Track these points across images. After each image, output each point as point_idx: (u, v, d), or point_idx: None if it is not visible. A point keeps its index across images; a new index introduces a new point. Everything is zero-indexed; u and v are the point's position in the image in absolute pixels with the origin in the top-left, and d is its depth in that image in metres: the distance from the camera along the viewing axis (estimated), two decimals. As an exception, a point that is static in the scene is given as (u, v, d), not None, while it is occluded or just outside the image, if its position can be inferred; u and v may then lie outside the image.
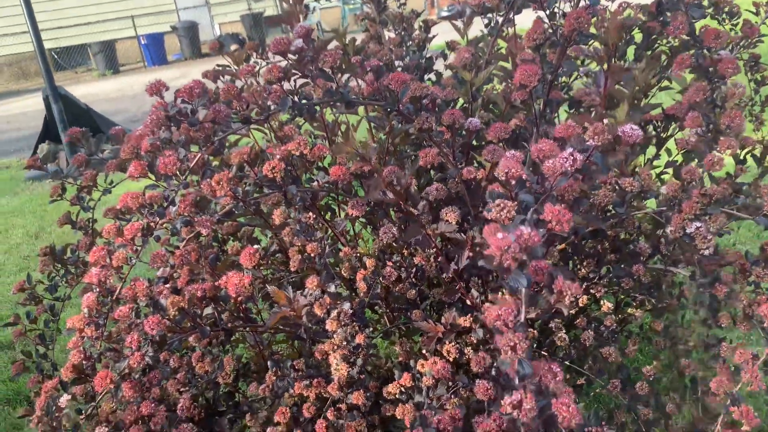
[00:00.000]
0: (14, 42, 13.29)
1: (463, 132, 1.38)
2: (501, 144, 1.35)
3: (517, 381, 0.76)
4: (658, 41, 1.57)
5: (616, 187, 1.16)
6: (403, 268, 1.45)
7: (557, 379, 0.74)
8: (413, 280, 1.48)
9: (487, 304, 1.28)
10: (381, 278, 1.36)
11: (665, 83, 1.58)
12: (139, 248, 1.03)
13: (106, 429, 1.08)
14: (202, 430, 1.44)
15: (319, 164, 1.26)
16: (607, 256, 1.37)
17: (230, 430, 1.45)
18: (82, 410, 1.07)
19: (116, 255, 1.01)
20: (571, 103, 1.46)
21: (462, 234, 1.36)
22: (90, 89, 11.07)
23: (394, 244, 1.41)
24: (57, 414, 1.02)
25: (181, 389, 1.38)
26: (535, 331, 1.35)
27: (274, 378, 1.32)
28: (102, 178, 1.58)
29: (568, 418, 0.71)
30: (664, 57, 1.55)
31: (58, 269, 1.63)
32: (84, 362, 1.04)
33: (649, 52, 1.60)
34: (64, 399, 1.03)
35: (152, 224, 1.04)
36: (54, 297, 1.60)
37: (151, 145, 1.01)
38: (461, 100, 1.60)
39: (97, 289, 1.02)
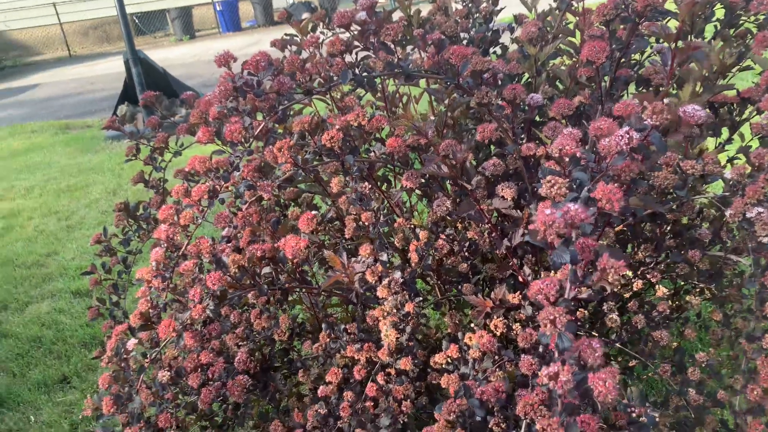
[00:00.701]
0: (99, 6, 13.86)
1: (525, 107, 1.37)
2: (563, 121, 1.33)
3: (555, 354, 0.77)
4: (743, 18, 1.49)
5: (678, 170, 1.13)
6: (456, 242, 1.47)
7: (597, 354, 0.75)
8: (466, 254, 1.50)
9: (533, 282, 1.28)
10: (433, 250, 1.38)
11: (749, 62, 1.49)
12: (204, 209, 1.09)
13: (168, 374, 1.16)
14: (257, 383, 1.52)
15: (377, 135, 1.28)
16: (666, 241, 1.34)
17: (283, 386, 1.52)
18: (147, 354, 1.16)
19: (184, 214, 1.08)
20: (638, 81, 1.42)
21: (518, 211, 1.36)
22: (167, 54, 11.45)
23: (447, 217, 1.43)
24: (125, 356, 1.11)
25: (239, 343, 1.46)
26: (586, 312, 1.34)
27: (328, 339, 1.37)
28: (173, 140, 1.67)
29: (604, 393, 0.71)
30: (749, 36, 1.47)
31: (131, 224, 1.74)
32: (150, 311, 1.12)
33: (732, 30, 1.52)
34: (132, 343, 1.12)
35: (218, 187, 1.09)
36: (127, 250, 1.71)
37: (219, 112, 1.06)
38: (526, 75, 1.58)
39: (165, 245, 1.09)
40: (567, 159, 0.87)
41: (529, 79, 1.56)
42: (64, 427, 2.23)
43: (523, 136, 1.48)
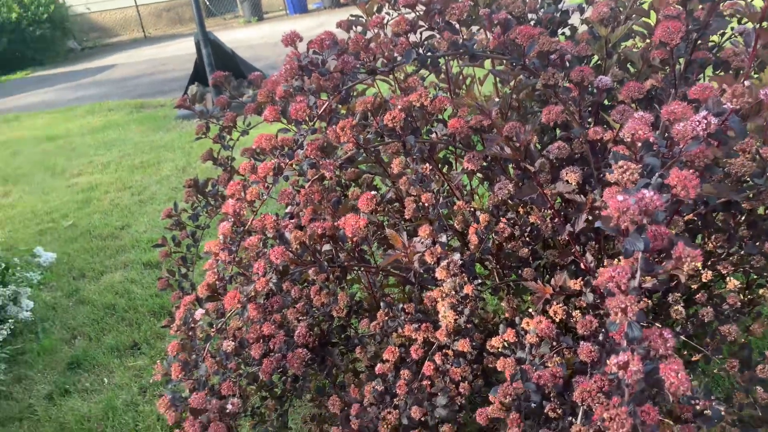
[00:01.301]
0: (172, -12, 14.29)
1: (593, 90, 1.33)
2: (633, 105, 1.29)
3: (625, 343, 0.76)
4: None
5: (757, 157, 1.07)
6: (516, 226, 1.45)
7: (668, 345, 0.73)
8: (526, 238, 1.48)
9: (601, 269, 1.26)
10: (493, 234, 1.37)
11: None
12: (270, 185, 1.12)
13: (233, 343, 1.21)
14: (315, 357, 1.57)
15: (439, 116, 1.27)
16: (739, 232, 1.28)
17: (340, 361, 1.56)
18: (213, 324, 1.21)
19: (250, 190, 1.11)
20: (716, 64, 1.35)
21: (581, 196, 1.33)
22: (236, 35, 11.71)
23: (509, 201, 1.41)
24: (192, 325, 1.16)
25: (299, 318, 1.50)
26: (650, 301, 1.30)
27: (386, 317, 1.39)
28: (241, 120, 1.71)
29: (676, 384, 0.69)
30: None
31: (200, 200, 1.80)
32: (217, 282, 1.17)
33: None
34: (199, 313, 1.17)
35: (282, 165, 1.12)
36: (195, 225, 1.78)
37: (285, 91, 1.08)
38: (595, 57, 1.53)
39: (232, 219, 1.13)
40: (639, 144, 0.84)
41: (599, 62, 1.51)
42: (134, 389, 2.36)
43: (590, 119, 1.44)
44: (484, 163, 1.28)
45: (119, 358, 2.57)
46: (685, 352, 1.50)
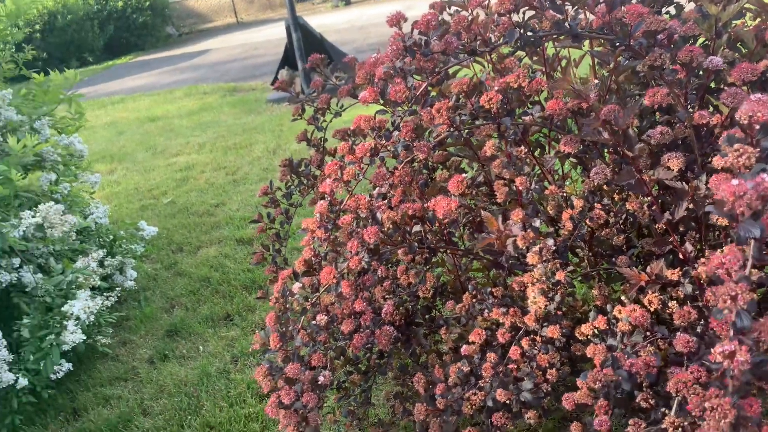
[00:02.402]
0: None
1: (701, 72, 1.27)
2: (745, 87, 1.21)
3: (731, 333, 0.73)
4: None
5: None
6: (612, 213, 1.41)
7: (778, 338, 0.70)
8: (621, 226, 1.44)
9: (702, 259, 1.21)
10: (587, 220, 1.34)
11: None
12: (366, 166, 1.15)
13: (325, 317, 1.26)
14: (400, 336, 1.60)
15: (535, 98, 1.26)
16: None
17: (425, 341, 1.59)
18: (308, 298, 1.26)
19: (347, 170, 1.15)
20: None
21: (683, 183, 1.28)
22: (324, 20, 11.91)
23: (605, 186, 1.38)
24: (289, 297, 1.22)
25: (386, 296, 1.53)
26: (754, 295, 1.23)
27: (473, 300, 1.40)
28: (334, 102, 1.76)
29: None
30: None
31: (293, 179, 1.87)
32: (313, 258, 1.22)
33: None
34: (296, 286, 1.23)
35: (379, 146, 1.15)
36: (289, 203, 1.86)
37: (385, 73, 1.11)
38: (701, 38, 1.45)
39: (328, 198, 1.18)
40: (757, 127, 0.80)
41: (706, 42, 1.43)
42: (226, 358, 2.50)
43: (695, 103, 1.37)
44: (580, 147, 1.25)
45: (213, 328, 2.73)
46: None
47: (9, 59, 3.12)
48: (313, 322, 1.31)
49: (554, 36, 1.11)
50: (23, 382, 2.22)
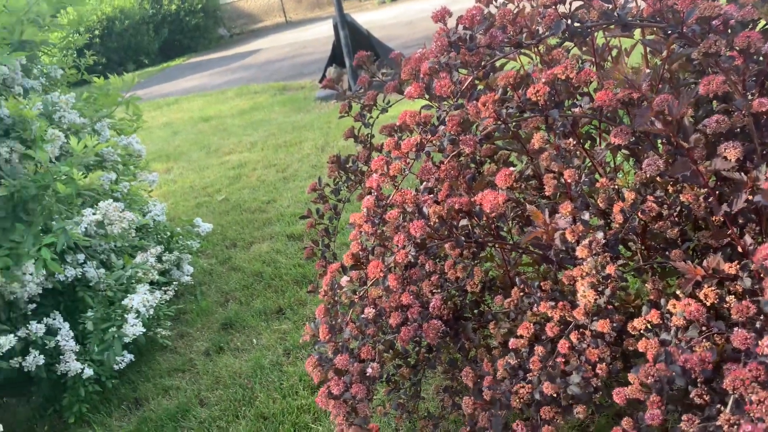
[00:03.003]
0: (311, -27, 14.85)
1: (760, 57, 1.22)
2: (808, 73, 1.16)
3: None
4: None
5: None
6: (665, 205, 1.38)
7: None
8: (676, 218, 1.40)
9: (759, 247, 1.16)
10: (639, 213, 1.31)
11: None
12: (411, 161, 1.16)
13: (373, 310, 1.28)
14: (448, 330, 1.60)
15: (584, 90, 1.24)
16: None
17: (474, 335, 1.59)
18: (356, 291, 1.29)
19: (393, 165, 1.16)
20: None
21: (741, 173, 1.23)
22: (370, 16, 11.95)
23: (658, 178, 1.34)
24: (338, 290, 1.25)
25: (434, 291, 1.54)
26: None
27: (521, 294, 1.39)
28: (380, 98, 1.77)
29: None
30: None
31: (341, 176, 1.90)
32: (360, 252, 1.24)
33: None
34: (345, 280, 1.25)
35: (425, 141, 1.16)
36: (337, 198, 1.88)
37: (430, 68, 1.11)
38: (762, 22, 1.40)
39: (375, 193, 1.19)
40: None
41: (766, 26, 1.38)
42: (279, 350, 2.56)
43: (754, 90, 1.32)
44: (632, 138, 1.22)
45: (266, 321, 2.80)
46: None
47: (72, 65, 3.27)
48: (362, 315, 1.33)
49: (602, 26, 1.09)
50: (89, 372, 2.33)
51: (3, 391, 2.50)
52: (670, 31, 1.13)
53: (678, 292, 1.24)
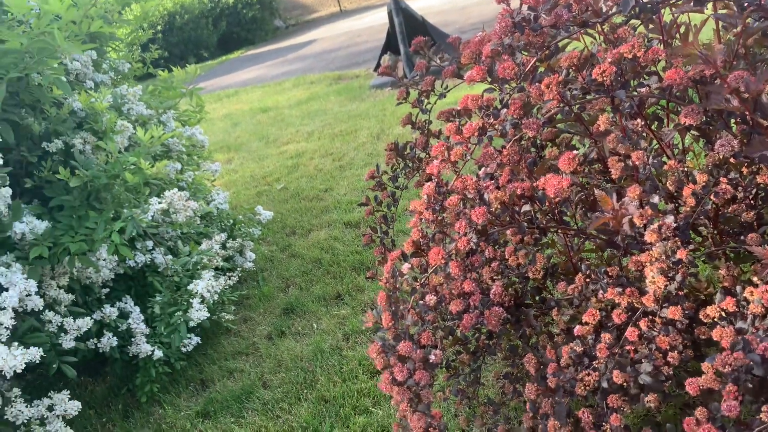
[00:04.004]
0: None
1: None
2: None
3: None
4: None
5: None
6: (740, 188, 1.32)
7: None
8: (751, 201, 1.34)
9: None
10: (712, 195, 1.26)
11: None
12: (473, 146, 1.15)
13: (434, 297, 1.28)
14: (509, 317, 1.59)
15: (651, 68, 1.19)
16: None
17: (536, 322, 1.56)
18: (417, 278, 1.29)
19: (454, 151, 1.15)
20: None
21: (825, 153, 1.16)
22: (424, 2, 11.84)
23: (731, 159, 1.28)
24: (399, 278, 1.25)
25: (494, 277, 1.53)
26: None
27: (586, 280, 1.36)
28: (438, 84, 1.76)
29: None
30: None
31: (399, 163, 1.90)
32: (421, 240, 1.24)
33: None
34: (406, 267, 1.26)
35: (487, 125, 1.14)
36: (395, 185, 1.89)
37: (492, 50, 1.09)
38: None
39: (435, 179, 1.19)
40: None
41: None
42: (338, 335, 2.60)
43: (840, 64, 1.24)
44: (703, 118, 1.17)
45: (325, 306, 2.84)
46: None
47: (138, 59, 3.40)
48: (422, 302, 1.34)
49: (673, 0, 1.04)
50: (158, 353, 2.44)
51: (80, 371, 2.64)
52: (746, 4, 1.07)
53: (754, 278, 1.19)
